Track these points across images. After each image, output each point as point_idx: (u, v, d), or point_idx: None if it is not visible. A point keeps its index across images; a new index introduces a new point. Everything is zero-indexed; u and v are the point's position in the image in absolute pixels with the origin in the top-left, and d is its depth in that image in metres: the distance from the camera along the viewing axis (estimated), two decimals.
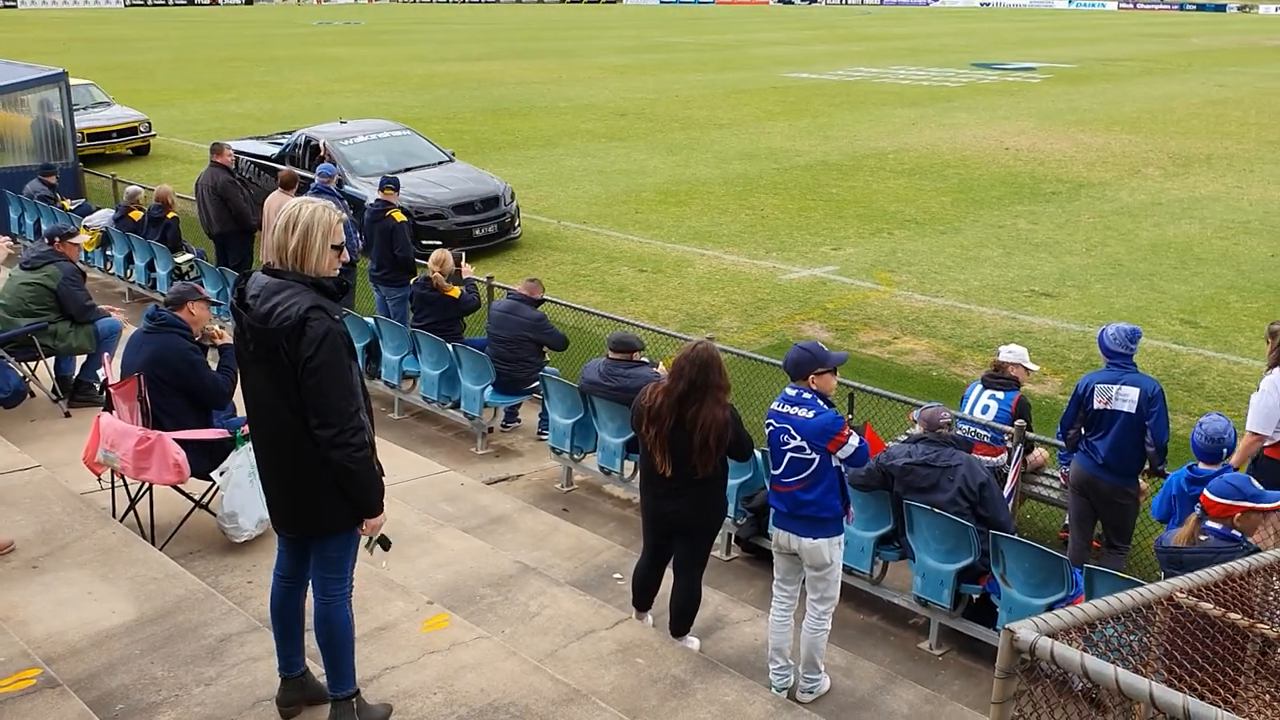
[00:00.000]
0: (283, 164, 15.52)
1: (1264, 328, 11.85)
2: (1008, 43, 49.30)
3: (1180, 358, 11.01)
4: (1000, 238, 15.86)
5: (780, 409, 5.59)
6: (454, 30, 60.65)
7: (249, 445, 6.23)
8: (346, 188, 14.62)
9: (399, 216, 11.09)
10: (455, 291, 9.90)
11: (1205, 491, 5.12)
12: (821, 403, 5.54)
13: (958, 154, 22.38)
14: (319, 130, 16.82)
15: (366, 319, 10.32)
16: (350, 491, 4.18)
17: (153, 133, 23.23)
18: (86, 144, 21.42)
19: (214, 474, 6.26)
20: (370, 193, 14.40)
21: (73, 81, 23.49)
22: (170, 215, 12.98)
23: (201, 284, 12.43)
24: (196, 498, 6.50)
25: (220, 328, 7.10)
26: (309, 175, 14.70)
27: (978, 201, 18.22)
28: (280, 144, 17.45)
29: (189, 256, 12.69)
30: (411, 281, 10.40)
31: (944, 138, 24.33)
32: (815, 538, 5.56)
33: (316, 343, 3.96)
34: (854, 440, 5.52)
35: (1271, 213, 17.20)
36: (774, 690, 5.70)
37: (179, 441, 6.18)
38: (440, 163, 16.55)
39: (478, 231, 15.22)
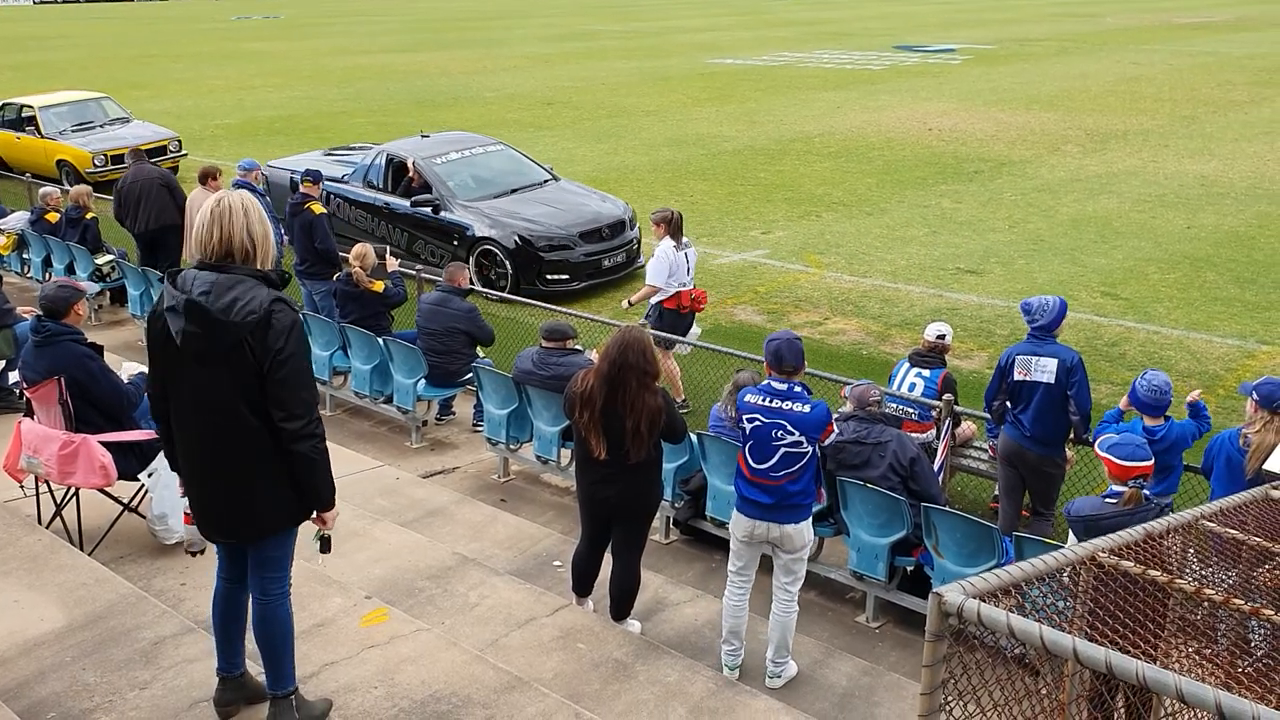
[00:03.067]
0: (362, 186, 14.11)
1: (1178, 297, 12.19)
2: (928, 25, 49.87)
3: (1102, 329, 11.27)
4: (925, 217, 16.09)
5: (769, 404, 5.47)
6: (375, 22, 59.92)
7: None
8: (445, 215, 13.23)
9: (318, 209, 10.90)
10: (379, 286, 9.82)
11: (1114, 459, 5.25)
12: (808, 394, 5.57)
13: (882, 136, 22.63)
14: (401, 147, 14.53)
15: None
16: (313, 483, 4.12)
17: (183, 151, 20.17)
18: (110, 168, 18.39)
19: (142, 475, 6.15)
20: (477, 222, 13.05)
21: (82, 96, 21.25)
22: (89, 216, 12.71)
23: (124, 285, 12.25)
24: (125, 501, 6.39)
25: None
26: (391, 200, 13.62)
27: (902, 182, 18.45)
28: (347, 162, 15.15)
29: (110, 257, 12.45)
30: (335, 278, 10.28)
31: (868, 120, 24.58)
32: (797, 522, 5.60)
33: (285, 335, 3.90)
34: (836, 426, 5.61)
35: (1186, 185, 17.64)
36: (728, 671, 5.75)
37: (105, 444, 6.07)
38: (544, 181, 14.39)
39: (607, 262, 13.14)
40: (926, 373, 7.70)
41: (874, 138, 22.47)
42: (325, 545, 4.37)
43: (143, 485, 6.21)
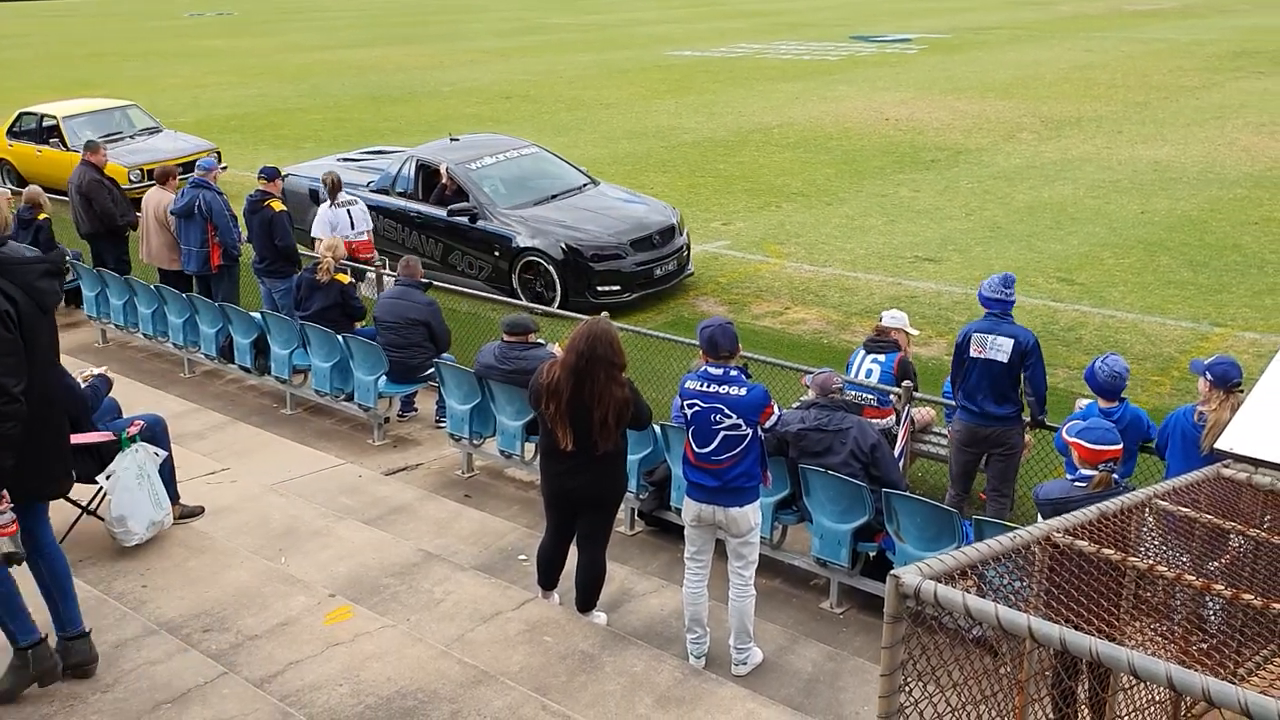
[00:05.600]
0: (390, 195, 13.30)
1: (1132, 281, 12.36)
2: (883, 14, 50.09)
3: (1058, 314, 11.40)
4: (883, 206, 16.19)
5: (706, 389, 5.57)
6: (329, 18, 59.37)
7: (136, 446, 6.10)
8: (484, 224, 12.46)
9: (277, 206, 10.80)
10: (345, 278, 9.81)
11: (1084, 442, 5.31)
12: (746, 377, 5.63)
13: (840, 126, 22.73)
14: (431, 152, 13.63)
15: (253, 314, 10.12)
16: None
17: (223, 165, 17.66)
18: (147, 183, 14.95)
19: (100, 478, 6.08)
20: (519, 232, 12.35)
21: (107, 104, 19.62)
22: (41, 217, 12.49)
23: (79, 286, 12.10)
24: (83, 504, 6.32)
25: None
26: (424, 209, 12.94)
27: (860, 172, 18.55)
28: (372, 168, 14.33)
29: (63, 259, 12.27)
30: (301, 271, 10.25)
31: (826, 111, 24.67)
32: (742, 505, 5.65)
33: None
34: (776, 409, 5.68)
35: (1139, 171, 17.85)
36: (693, 659, 5.79)
37: None
38: (584, 186, 13.61)
39: (659, 271, 12.43)
40: (882, 358, 7.77)
41: (832, 128, 22.57)
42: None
43: (101, 488, 6.14)
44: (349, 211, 11.51)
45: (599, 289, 12.04)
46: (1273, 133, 20.62)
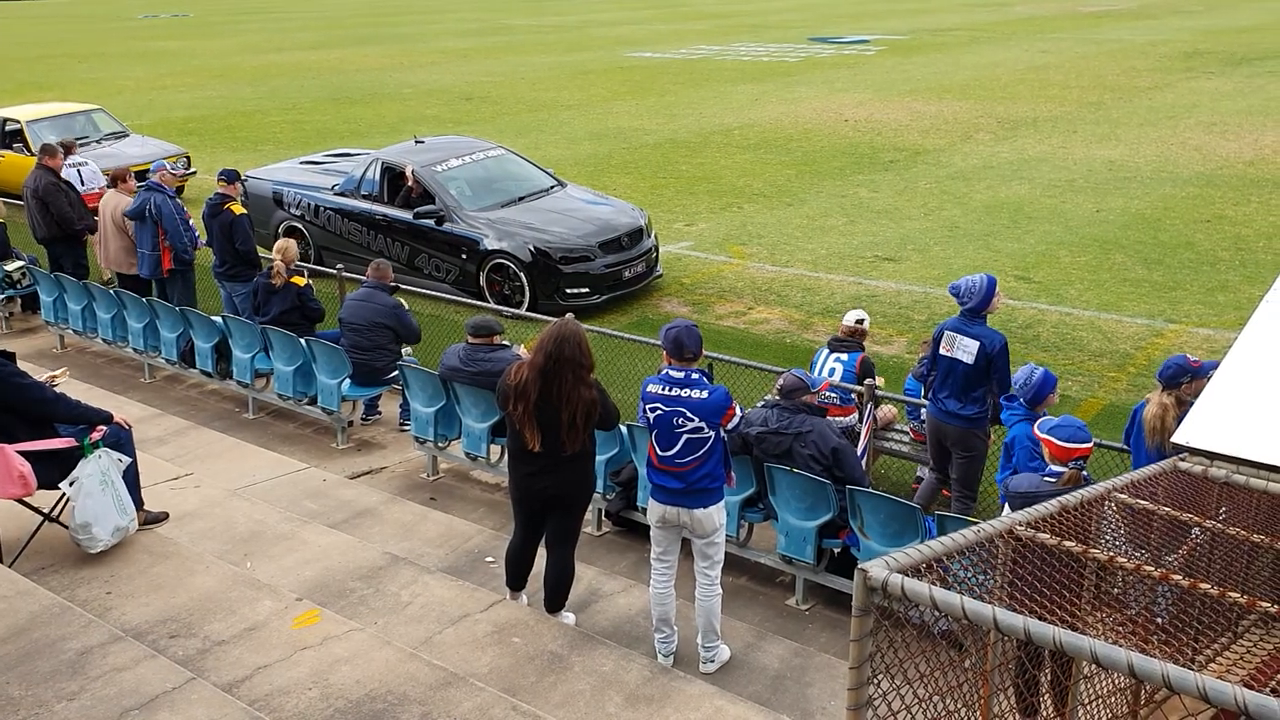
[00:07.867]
0: (355, 197, 13.26)
1: (1088, 279, 12.54)
2: (842, 16, 50.41)
3: (1016, 312, 11.55)
4: (843, 207, 16.32)
5: (668, 392, 5.60)
6: (287, 19, 58.91)
7: (99, 453, 6.05)
8: (451, 227, 12.42)
9: (238, 209, 10.72)
10: (301, 280, 9.76)
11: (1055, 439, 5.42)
12: (706, 380, 5.67)
13: (800, 127, 22.87)
14: (396, 154, 13.54)
15: (214, 318, 10.05)
16: None
17: (192, 169, 17.82)
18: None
19: (63, 484, 6.03)
20: (486, 234, 12.28)
21: (72, 108, 19.27)
22: None
23: (36, 291, 11.95)
24: (45, 511, 6.26)
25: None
26: (390, 212, 12.87)
27: (821, 173, 18.68)
28: (336, 171, 14.21)
29: (19, 264, 12.12)
30: (256, 277, 10.18)
31: (786, 112, 24.82)
32: (706, 506, 5.69)
33: None
34: (738, 409, 5.72)
35: (1094, 170, 18.10)
36: (662, 658, 5.82)
37: (23, 453, 5.94)
38: (551, 188, 13.54)
39: (628, 273, 12.42)
40: (845, 357, 7.86)
41: (792, 129, 22.70)
42: None
43: (64, 494, 6.09)
44: (79, 171, 13.89)
45: (567, 291, 12.03)
46: (1223, 132, 20.98)
